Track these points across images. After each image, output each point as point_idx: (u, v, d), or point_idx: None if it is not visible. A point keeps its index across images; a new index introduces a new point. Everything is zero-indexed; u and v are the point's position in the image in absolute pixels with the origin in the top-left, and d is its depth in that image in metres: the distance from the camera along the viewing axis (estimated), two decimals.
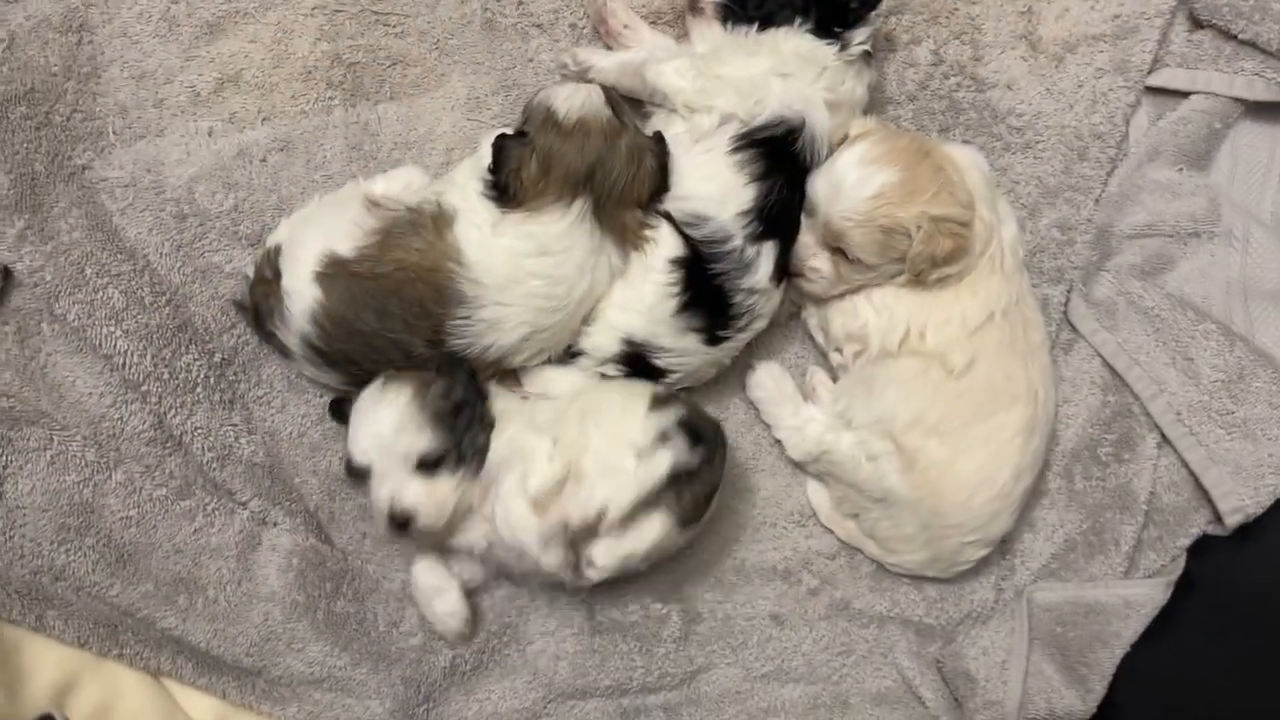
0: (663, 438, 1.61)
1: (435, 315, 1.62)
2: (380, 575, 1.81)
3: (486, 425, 1.65)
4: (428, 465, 1.57)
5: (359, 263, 1.61)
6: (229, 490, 1.75)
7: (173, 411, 1.70)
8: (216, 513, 1.73)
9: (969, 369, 1.75)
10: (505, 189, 1.63)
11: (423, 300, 1.62)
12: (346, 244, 1.62)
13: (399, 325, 1.62)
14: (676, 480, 1.60)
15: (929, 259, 1.70)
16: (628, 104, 1.80)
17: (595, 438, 1.62)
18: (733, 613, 1.91)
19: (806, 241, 1.78)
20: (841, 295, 1.84)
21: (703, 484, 1.64)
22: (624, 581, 1.86)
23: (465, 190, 1.67)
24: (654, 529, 1.59)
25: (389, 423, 1.56)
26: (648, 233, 1.72)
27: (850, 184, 1.70)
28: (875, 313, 1.80)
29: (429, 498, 1.57)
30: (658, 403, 1.66)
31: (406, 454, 1.56)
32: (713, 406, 1.92)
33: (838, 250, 1.76)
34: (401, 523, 1.57)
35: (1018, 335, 1.79)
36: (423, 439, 1.57)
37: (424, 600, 1.73)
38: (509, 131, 1.66)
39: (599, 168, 1.64)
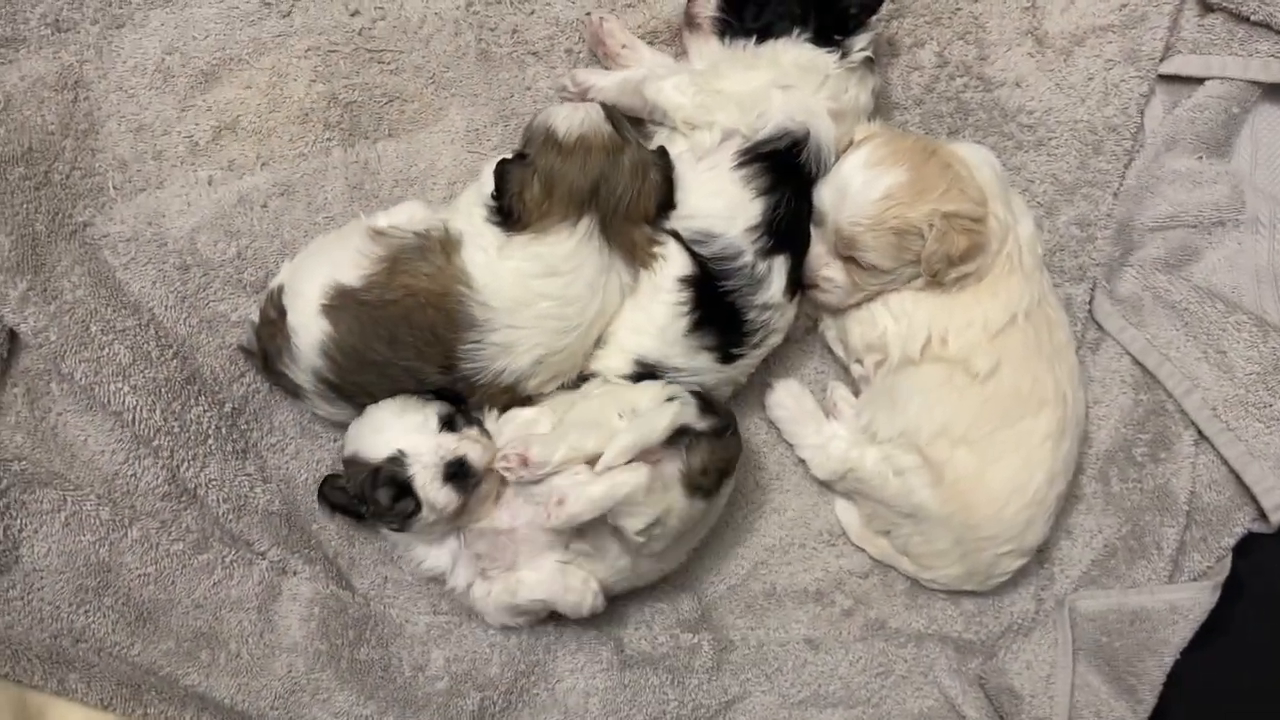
0: (670, 399, 1.60)
1: (446, 340, 1.60)
2: (404, 619, 1.78)
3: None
4: (448, 423, 1.61)
5: (367, 291, 1.60)
6: (247, 541, 1.73)
7: (186, 464, 1.69)
8: (235, 564, 1.71)
9: (994, 373, 1.70)
10: (509, 213, 1.61)
11: (433, 326, 1.60)
12: (352, 273, 1.61)
13: (410, 353, 1.60)
14: (684, 440, 1.58)
15: (944, 258, 1.66)
16: (630, 121, 1.78)
17: (595, 402, 1.64)
18: (765, 638, 1.87)
19: (818, 252, 1.75)
20: (858, 304, 1.80)
21: (713, 454, 1.59)
22: (652, 611, 1.83)
23: (470, 215, 1.65)
24: (634, 476, 1.52)
25: (396, 408, 1.61)
26: (656, 249, 1.69)
27: (857, 188, 1.67)
28: (894, 320, 1.76)
29: (468, 442, 1.59)
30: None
31: (425, 421, 1.60)
32: None
33: (850, 258, 1.73)
34: (456, 472, 1.56)
35: (1042, 337, 1.74)
36: (432, 406, 1.61)
37: (551, 588, 1.66)
38: (509, 156, 1.65)
39: (603, 184, 1.62)
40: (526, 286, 1.60)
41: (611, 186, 1.63)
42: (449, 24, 1.87)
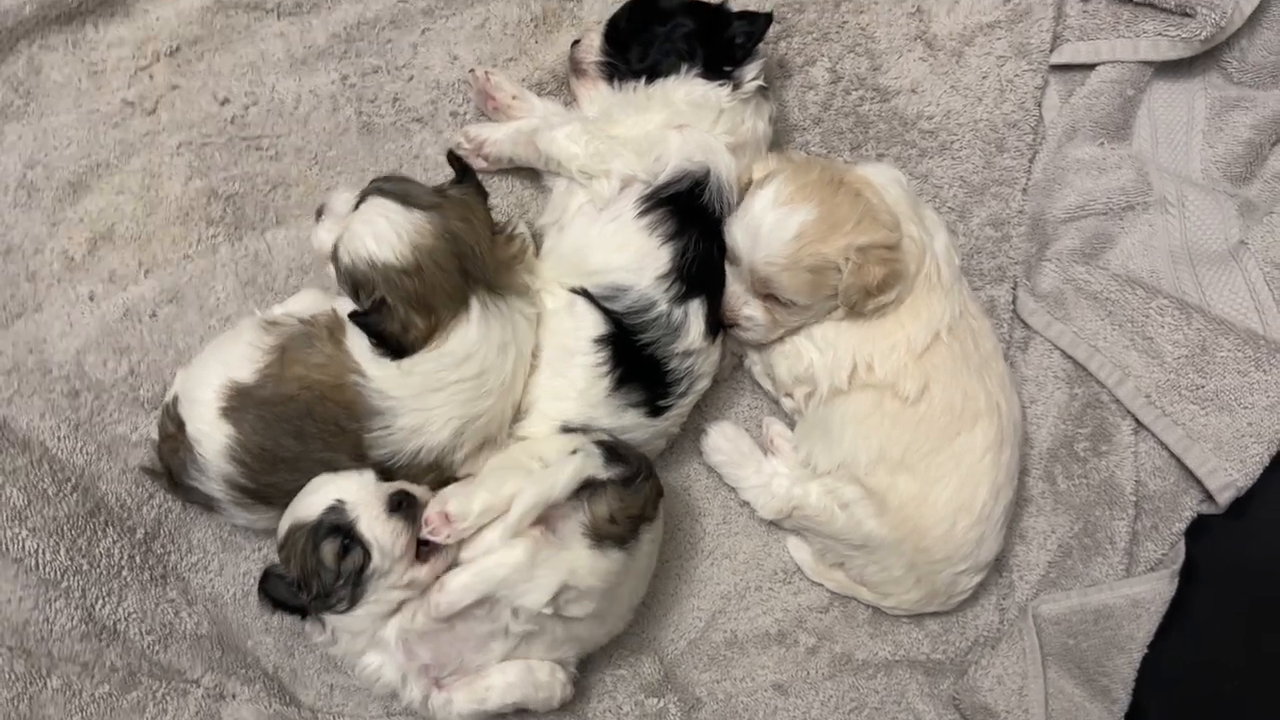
0: (574, 450, 1.55)
1: (351, 430, 1.53)
2: None
3: None
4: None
5: (262, 386, 1.52)
6: (177, 670, 1.64)
7: (101, 601, 1.59)
8: (168, 698, 1.61)
9: (924, 393, 1.68)
10: (404, 349, 1.51)
11: (336, 418, 1.52)
12: (247, 369, 1.53)
13: (319, 445, 1.53)
14: (586, 492, 1.53)
15: (862, 290, 1.63)
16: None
17: (508, 452, 1.62)
18: (733, 690, 1.82)
19: (735, 291, 1.71)
20: (781, 338, 1.76)
21: (622, 501, 1.54)
22: (613, 679, 1.77)
23: (361, 345, 1.54)
24: (507, 556, 1.49)
25: (328, 474, 1.53)
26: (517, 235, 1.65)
27: (768, 228, 1.62)
28: (819, 351, 1.73)
29: (403, 483, 1.54)
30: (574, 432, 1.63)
31: (361, 475, 1.52)
32: (672, 476, 1.85)
33: (769, 295, 1.69)
34: (401, 502, 1.49)
35: (968, 349, 1.72)
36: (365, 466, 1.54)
37: (524, 690, 1.60)
38: (357, 310, 1.51)
39: (464, 260, 1.52)
40: (436, 379, 1.53)
41: (469, 253, 1.52)
42: (325, 100, 1.80)
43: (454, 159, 1.63)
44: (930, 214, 1.81)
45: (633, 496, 1.56)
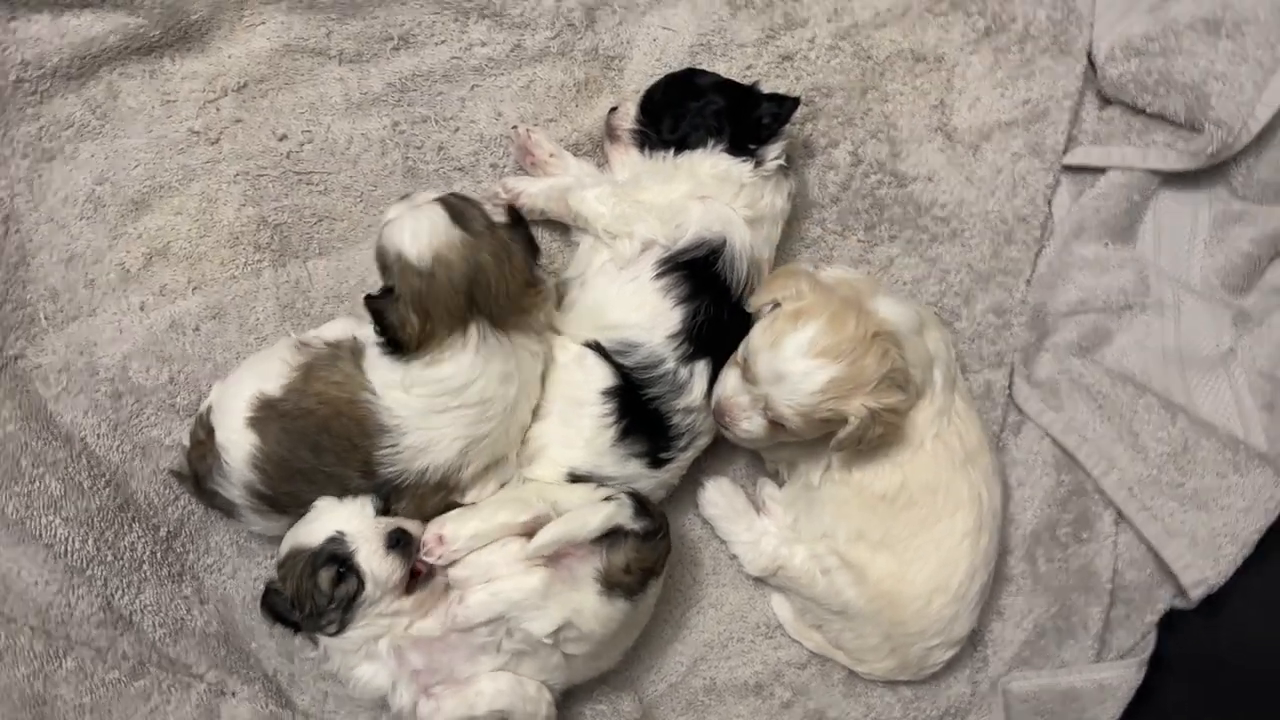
0: (607, 498, 1.64)
1: (362, 448, 1.63)
2: None
3: None
4: (383, 511, 1.65)
5: (285, 400, 1.62)
6: (184, 664, 1.73)
7: (120, 592, 1.69)
8: (172, 689, 1.70)
9: (901, 491, 1.74)
10: (398, 345, 1.61)
11: (348, 434, 1.62)
12: (275, 383, 1.64)
13: (332, 459, 1.63)
14: (609, 539, 1.62)
15: (856, 441, 1.66)
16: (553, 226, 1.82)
17: (518, 488, 1.72)
18: None
19: (741, 402, 1.70)
20: None
21: (639, 554, 1.63)
22: (593, 714, 1.84)
23: (369, 350, 1.66)
24: (525, 581, 1.59)
25: (330, 501, 1.64)
26: (542, 294, 1.70)
27: (796, 377, 1.62)
28: (801, 446, 1.78)
29: (403, 519, 1.64)
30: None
31: (361, 506, 1.63)
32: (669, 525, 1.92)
33: (775, 421, 1.69)
34: (399, 540, 1.60)
35: (953, 447, 1.76)
36: (366, 496, 1.64)
37: (512, 699, 1.68)
38: (374, 292, 1.61)
39: (475, 289, 1.58)
40: (434, 403, 1.62)
41: (485, 285, 1.59)
42: (375, 144, 1.92)
43: (512, 211, 1.72)
44: (934, 334, 1.81)
45: (650, 550, 1.65)
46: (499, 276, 1.61)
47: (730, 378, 1.73)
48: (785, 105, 1.83)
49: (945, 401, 1.77)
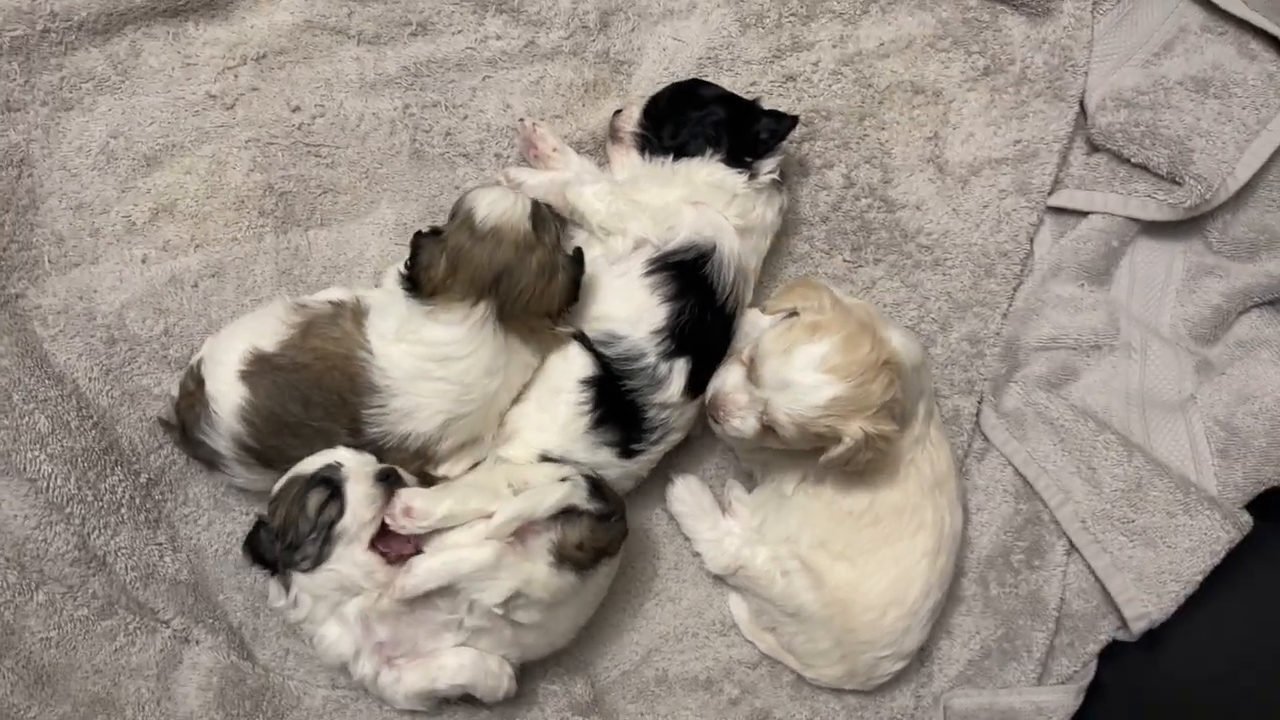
0: (563, 479, 1.70)
1: (351, 404, 1.69)
2: (301, 692, 1.83)
3: None
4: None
5: (281, 355, 1.68)
6: (152, 609, 1.77)
7: (97, 532, 1.74)
8: (138, 632, 1.75)
9: (869, 509, 1.79)
10: (415, 282, 1.68)
11: (340, 389, 1.68)
12: (271, 340, 1.70)
13: (321, 414, 1.69)
14: (565, 517, 1.67)
15: (843, 464, 1.70)
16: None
17: (487, 472, 1.77)
18: None
19: (739, 399, 1.73)
20: None
21: (593, 533, 1.68)
22: (545, 693, 1.88)
23: (386, 277, 1.75)
24: (477, 554, 1.63)
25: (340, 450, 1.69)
26: (560, 331, 1.78)
27: (803, 389, 1.64)
28: (777, 454, 1.84)
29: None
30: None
31: (363, 453, 1.69)
32: (635, 517, 1.96)
33: (769, 427, 1.71)
34: (388, 475, 1.66)
35: (924, 472, 1.82)
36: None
37: (474, 674, 1.73)
38: (425, 230, 1.73)
39: (506, 276, 1.68)
40: (421, 366, 1.69)
41: (514, 280, 1.68)
42: (385, 124, 1.98)
43: (579, 252, 1.76)
44: (923, 370, 1.86)
45: (603, 531, 1.70)
46: (530, 284, 1.70)
47: (733, 374, 1.76)
48: (784, 123, 1.90)
49: (923, 430, 1.83)
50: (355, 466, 1.66)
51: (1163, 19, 2.12)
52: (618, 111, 1.97)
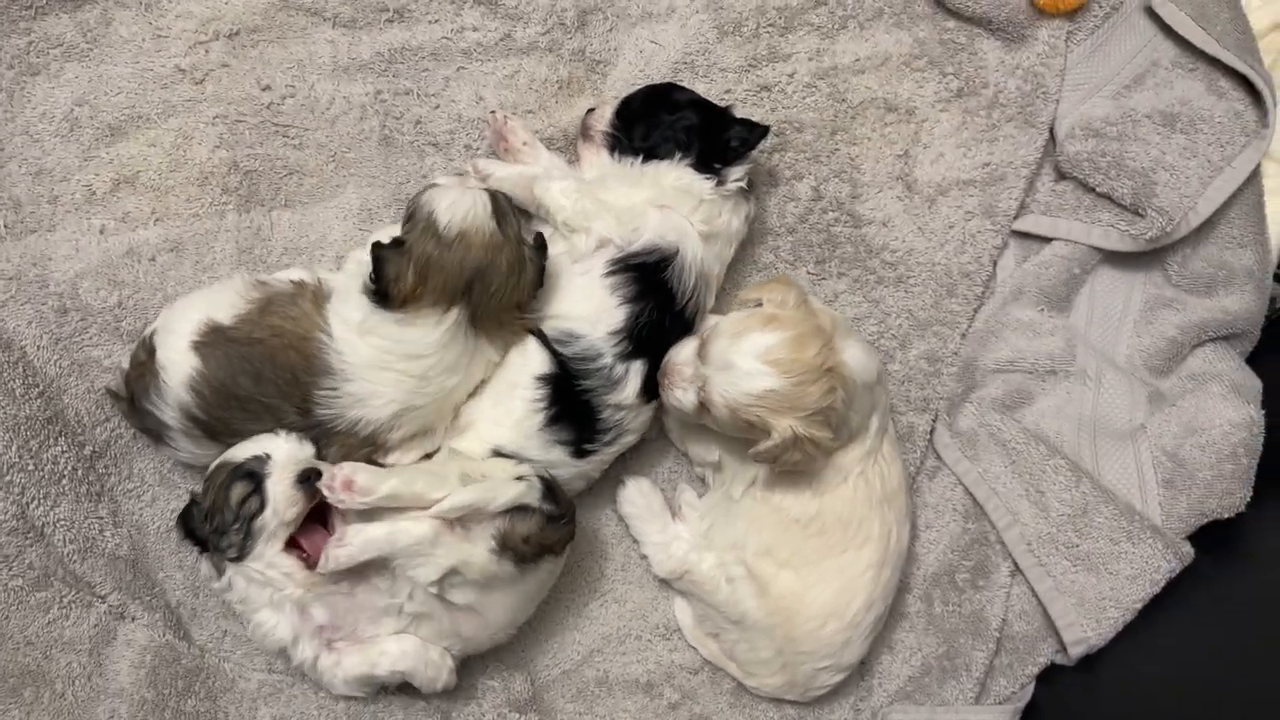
0: (520, 478, 1.69)
1: (304, 384, 1.67)
2: (236, 674, 1.82)
3: None
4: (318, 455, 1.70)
5: (237, 328, 1.67)
6: (88, 583, 1.75)
7: (36, 502, 1.72)
8: (73, 605, 1.73)
9: (816, 518, 1.80)
10: (384, 295, 1.66)
11: (294, 368, 1.67)
12: (228, 313, 1.68)
13: (272, 390, 1.67)
14: (518, 512, 1.67)
15: (771, 460, 1.71)
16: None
17: (440, 461, 1.75)
18: None
19: (685, 372, 1.74)
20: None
21: (541, 531, 1.68)
22: (483, 688, 1.87)
23: (348, 288, 1.71)
24: (416, 527, 1.62)
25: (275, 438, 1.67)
26: (526, 318, 1.78)
27: (741, 373, 1.65)
28: (727, 453, 1.86)
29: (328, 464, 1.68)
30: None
31: (300, 441, 1.68)
32: (584, 517, 1.96)
33: (704, 405, 1.73)
34: (309, 478, 1.63)
35: (874, 486, 1.82)
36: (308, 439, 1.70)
37: (414, 661, 1.72)
38: (384, 240, 1.67)
39: (478, 282, 1.68)
40: (381, 358, 1.68)
41: (487, 283, 1.68)
42: (356, 108, 1.97)
43: (539, 238, 1.76)
44: (881, 387, 1.85)
45: (551, 531, 1.70)
46: (503, 283, 1.69)
47: (688, 347, 1.77)
48: (755, 132, 1.90)
49: (875, 444, 1.83)
50: (282, 461, 1.64)
51: (1135, 52, 2.14)
52: (590, 110, 1.97)
